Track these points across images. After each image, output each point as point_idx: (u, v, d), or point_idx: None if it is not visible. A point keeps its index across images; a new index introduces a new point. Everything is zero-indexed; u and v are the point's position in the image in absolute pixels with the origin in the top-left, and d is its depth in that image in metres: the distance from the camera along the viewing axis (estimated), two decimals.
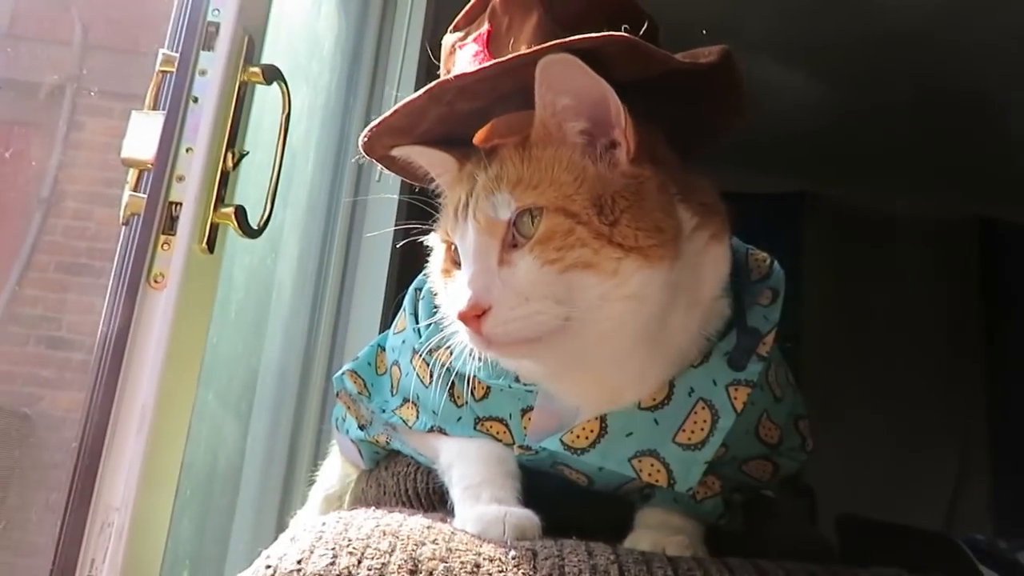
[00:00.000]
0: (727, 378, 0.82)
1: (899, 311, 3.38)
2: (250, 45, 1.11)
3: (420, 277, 1.00)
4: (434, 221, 0.90)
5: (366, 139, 0.86)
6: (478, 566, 0.68)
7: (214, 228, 1.05)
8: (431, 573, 0.66)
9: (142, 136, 1.06)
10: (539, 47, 0.76)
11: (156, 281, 1.01)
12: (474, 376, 0.86)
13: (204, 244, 1.04)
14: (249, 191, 1.25)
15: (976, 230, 3.49)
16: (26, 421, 1.55)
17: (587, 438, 0.82)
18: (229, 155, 1.07)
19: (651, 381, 0.82)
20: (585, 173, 0.78)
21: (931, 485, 3.28)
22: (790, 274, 0.91)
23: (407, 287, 1.98)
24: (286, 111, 1.15)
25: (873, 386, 3.16)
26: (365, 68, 1.86)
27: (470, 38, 0.89)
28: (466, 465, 0.86)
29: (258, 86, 1.13)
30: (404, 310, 1.00)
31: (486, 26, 0.88)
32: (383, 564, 0.66)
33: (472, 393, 0.88)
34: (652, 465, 0.80)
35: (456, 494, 0.85)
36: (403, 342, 0.97)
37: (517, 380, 0.86)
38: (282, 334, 1.64)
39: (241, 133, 1.11)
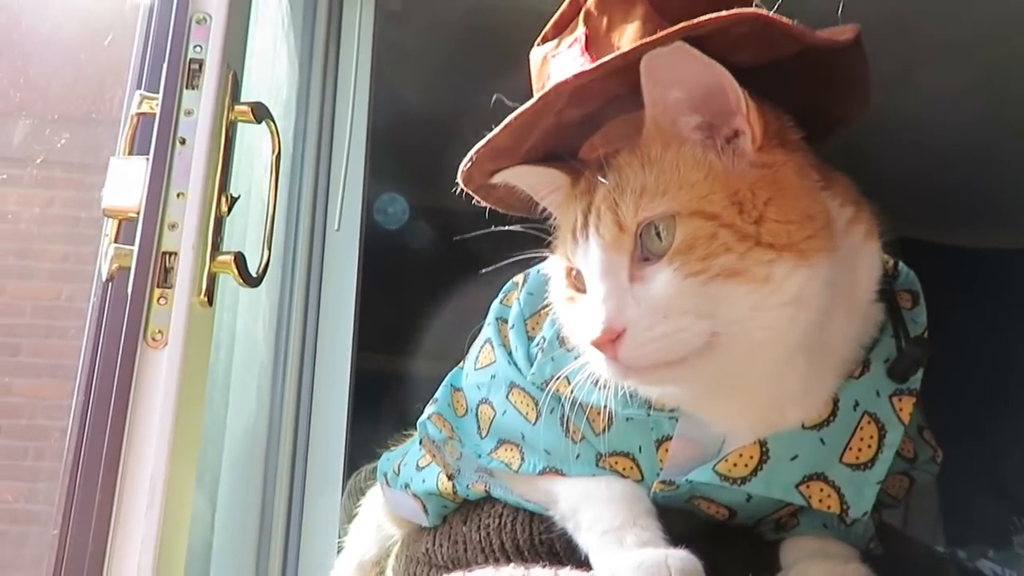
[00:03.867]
0: (889, 388, 0.77)
1: None
2: (234, 82, 1.04)
3: (500, 307, 0.92)
4: None
5: (468, 166, 0.77)
6: None
7: (212, 278, 0.96)
8: None
9: (124, 183, 0.97)
10: (667, 31, 0.68)
11: (154, 339, 0.91)
12: (593, 408, 0.77)
13: (203, 296, 0.95)
14: (233, 236, 1.16)
15: (899, 249, 3.63)
16: None
17: (747, 465, 0.74)
18: (223, 199, 0.99)
19: (816, 396, 0.76)
20: (713, 169, 0.70)
21: None
22: None
23: (371, 329, 1.85)
24: (277, 151, 1.07)
25: None
26: (312, 118, 1.79)
27: (563, 45, 0.83)
28: (597, 507, 0.77)
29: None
30: (489, 342, 0.91)
31: (582, 29, 0.81)
32: None
33: (591, 427, 0.79)
34: (822, 490, 0.74)
35: (591, 540, 0.76)
36: (492, 377, 0.88)
37: (651, 407, 0.78)
38: (255, 393, 1.53)
39: (230, 175, 1.03)
